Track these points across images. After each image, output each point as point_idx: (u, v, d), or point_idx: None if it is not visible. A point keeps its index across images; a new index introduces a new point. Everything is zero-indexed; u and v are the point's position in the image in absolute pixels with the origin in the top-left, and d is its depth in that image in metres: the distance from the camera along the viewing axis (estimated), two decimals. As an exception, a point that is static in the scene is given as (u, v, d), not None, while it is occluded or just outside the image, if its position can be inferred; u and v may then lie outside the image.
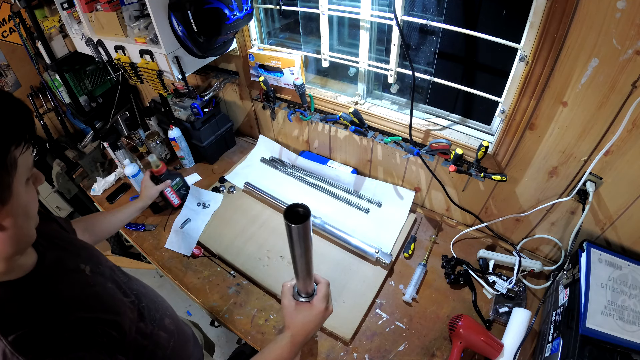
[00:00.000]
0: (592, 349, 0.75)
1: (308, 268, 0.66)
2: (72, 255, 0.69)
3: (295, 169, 1.46)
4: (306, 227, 0.54)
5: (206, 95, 1.49)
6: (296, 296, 0.74)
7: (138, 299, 0.73)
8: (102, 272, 0.71)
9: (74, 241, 0.76)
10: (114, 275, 0.74)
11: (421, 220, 1.26)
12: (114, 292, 0.68)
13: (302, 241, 0.58)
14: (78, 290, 0.62)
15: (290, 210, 0.54)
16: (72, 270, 0.66)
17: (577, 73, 0.73)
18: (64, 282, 0.62)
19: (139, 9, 1.15)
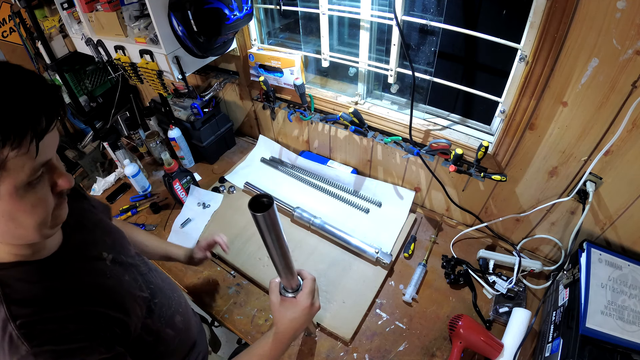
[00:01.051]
0: (592, 349, 0.75)
1: (286, 261, 0.66)
2: (96, 240, 0.68)
3: (295, 169, 1.46)
4: (272, 215, 0.55)
5: (206, 95, 1.49)
6: (283, 292, 0.74)
7: (152, 294, 0.72)
8: (123, 263, 0.70)
9: (103, 224, 0.74)
10: (134, 266, 0.73)
11: (421, 220, 1.26)
12: (129, 285, 0.67)
13: (271, 231, 0.58)
14: (93, 281, 0.61)
15: (254, 201, 0.55)
16: (93, 257, 0.65)
17: (577, 73, 0.73)
18: (81, 270, 0.61)
19: (139, 9, 1.15)
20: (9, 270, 0.53)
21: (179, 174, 1.33)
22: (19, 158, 0.43)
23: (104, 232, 0.72)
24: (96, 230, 0.70)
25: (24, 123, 0.43)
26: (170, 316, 0.76)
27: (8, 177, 0.43)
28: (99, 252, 0.66)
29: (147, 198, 1.46)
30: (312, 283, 0.75)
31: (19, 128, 0.42)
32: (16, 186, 0.44)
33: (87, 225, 0.69)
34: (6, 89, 0.42)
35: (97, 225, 0.72)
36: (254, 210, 0.53)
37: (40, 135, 0.44)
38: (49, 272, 0.56)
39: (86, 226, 0.68)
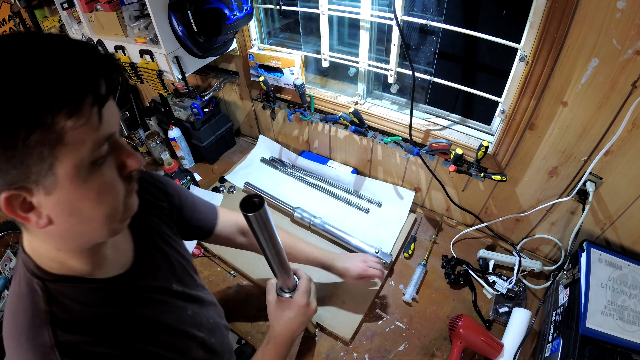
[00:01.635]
0: (592, 349, 0.75)
1: (280, 260, 0.66)
2: (169, 267, 0.61)
3: (295, 169, 1.46)
4: (263, 215, 0.55)
5: (206, 95, 1.49)
6: (279, 292, 0.74)
7: (210, 333, 0.65)
8: (188, 296, 0.63)
9: (178, 246, 0.67)
10: (198, 301, 0.66)
11: (421, 220, 1.26)
12: (189, 323, 0.60)
13: (264, 230, 0.58)
14: (154, 315, 0.54)
15: (245, 202, 0.55)
16: (161, 288, 0.57)
17: (577, 73, 0.73)
18: (146, 300, 0.54)
19: (139, 9, 1.15)
20: (62, 285, 0.45)
21: (179, 174, 1.33)
22: (78, 130, 0.36)
23: (179, 256, 0.65)
24: (172, 253, 0.63)
25: (82, 86, 0.36)
26: (221, 356, 0.68)
27: (67, 153, 0.36)
28: (169, 283, 0.59)
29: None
30: (308, 282, 0.73)
31: (77, 91, 0.35)
32: (77, 166, 0.37)
33: (163, 248, 0.61)
34: (58, 51, 0.36)
35: (175, 248, 0.65)
36: (246, 211, 0.53)
37: (102, 100, 0.38)
38: (109, 296, 0.49)
39: (161, 250, 0.61)
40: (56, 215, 0.39)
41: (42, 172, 0.36)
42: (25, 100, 0.32)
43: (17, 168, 0.34)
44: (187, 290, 0.63)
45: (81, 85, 0.36)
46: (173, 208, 0.70)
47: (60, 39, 0.37)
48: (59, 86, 0.34)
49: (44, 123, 0.33)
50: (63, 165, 0.36)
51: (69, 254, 0.45)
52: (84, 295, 0.46)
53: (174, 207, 0.71)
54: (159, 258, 0.60)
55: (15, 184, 0.36)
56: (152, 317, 0.53)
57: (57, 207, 0.38)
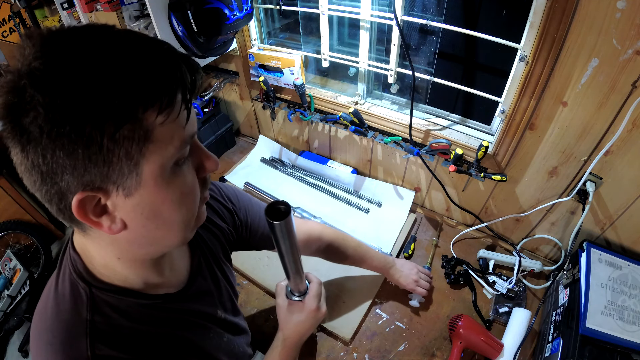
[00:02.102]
0: (592, 349, 0.75)
1: (296, 266, 0.66)
2: (217, 292, 0.59)
3: (295, 169, 1.46)
4: (288, 223, 0.55)
5: (206, 95, 1.49)
6: (289, 295, 0.74)
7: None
8: (229, 323, 0.62)
9: (229, 272, 0.66)
10: (235, 327, 0.65)
11: (421, 220, 1.26)
12: (225, 350, 0.59)
13: (286, 238, 0.58)
14: (196, 339, 0.52)
15: (271, 208, 0.54)
16: (207, 314, 0.56)
17: (577, 73, 0.73)
18: (192, 324, 0.52)
19: (139, 9, 1.15)
20: (110, 295, 0.42)
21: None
22: (168, 126, 0.34)
23: (226, 281, 0.63)
24: (220, 279, 0.61)
25: (174, 80, 0.34)
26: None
27: (155, 151, 0.34)
28: (215, 309, 0.58)
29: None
30: (319, 286, 0.73)
31: (169, 85, 0.33)
32: (163, 165, 0.35)
33: (214, 268, 0.60)
34: (147, 44, 0.34)
35: (223, 271, 0.63)
36: (271, 217, 0.52)
37: (190, 97, 0.36)
38: (156, 314, 0.46)
39: (213, 270, 0.59)
40: (132, 220, 0.37)
41: (125, 171, 0.33)
42: (115, 91, 0.30)
43: (98, 167, 0.32)
44: (229, 317, 0.62)
45: (173, 80, 0.34)
46: (238, 231, 0.69)
47: (141, 35, 0.36)
48: (152, 79, 0.32)
49: (134, 117, 0.31)
50: (149, 164, 0.34)
51: (127, 264, 0.43)
52: (131, 310, 0.44)
53: (239, 230, 0.69)
54: (210, 282, 0.58)
55: (92, 184, 0.33)
56: (192, 341, 0.51)
57: (136, 211, 0.36)
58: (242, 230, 0.71)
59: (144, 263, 0.44)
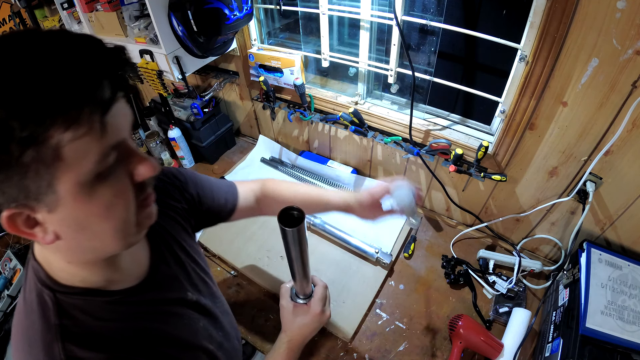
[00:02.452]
0: (592, 349, 0.75)
1: (304, 270, 0.66)
2: (185, 275, 0.58)
3: (295, 169, 1.46)
4: (301, 229, 0.54)
5: (206, 95, 1.49)
6: (294, 297, 0.74)
7: (219, 345, 0.62)
8: (202, 306, 0.60)
9: (195, 252, 0.65)
10: (211, 309, 0.63)
11: (421, 220, 1.26)
12: (202, 335, 0.58)
13: (297, 244, 0.58)
14: (168, 329, 0.51)
15: (284, 213, 0.54)
16: (176, 299, 0.55)
17: (577, 73, 0.73)
18: (161, 316, 0.51)
19: (139, 9, 1.15)
20: (74, 297, 0.42)
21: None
22: (78, 142, 0.31)
23: (192, 262, 0.62)
24: (186, 261, 0.60)
25: (78, 91, 0.31)
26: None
27: (67, 170, 0.32)
28: (184, 292, 0.56)
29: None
30: (324, 290, 0.73)
31: (72, 98, 0.31)
32: (80, 182, 0.33)
33: (179, 256, 0.58)
34: (53, 51, 0.31)
35: (187, 253, 0.62)
36: (284, 223, 0.52)
37: (105, 106, 0.33)
38: (123, 310, 0.46)
39: (178, 257, 0.58)
40: (63, 232, 0.36)
41: (42, 190, 0.32)
42: (12, 112, 0.28)
43: (15, 186, 0.31)
44: (202, 299, 0.61)
45: (78, 91, 0.31)
46: (191, 205, 0.67)
47: (60, 36, 0.33)
48: (51, 94, 0.30)
49: (36, 138, 0.29)
50: (63, 183, 0.33)
51: (79, 267, 0.43)
52: (96, 308, 0.44)
53: (192, 204, 0.67)
54: (174, 266, 0.57)
55: (16, 201, 0.33)
56: (165, 331, 0.51)
57: (63, 224, 0.35)
58: (195, 203, 0.69)
59: (97, 264, 0.44)
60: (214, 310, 0.65)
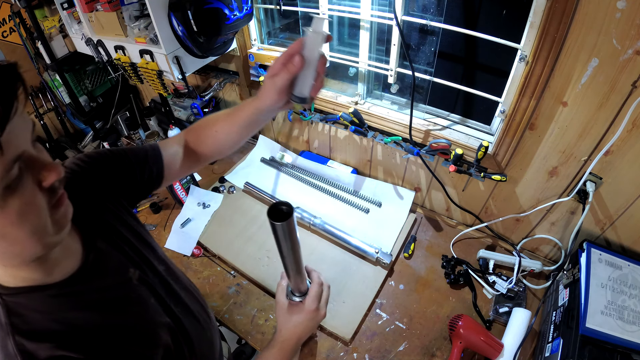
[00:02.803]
0: (592, 349, 0.75)
1: (297, 266, 0.66)
2: (125, 252, 0.58)
3: (295, 169, 1.46)
4: (290, 224, 0.54)
5: (206, 95, 1.49)
6: (290, 295, 0.74)
7: (178, 318, 0.62)
8: (150, 281, 0.60)
9: (136, 225, 0.64)
10: (162, 284, 0.63)
11: (421, 220, 1.26)
12: (155, 311, 0.58)
13: (287, 239, 0.58)
14: (116, 309, 0.52)
15: (273, 209, 0.54)
16: (118, 279, 0.55)
17: (577, 73, 0.73)
18: (104, 297, 0.52)
19: (139, 9, 1.15)
20: (18, 297, 0.45)
21: (178, 174, 1.33)
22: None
23: (137, 236, 0.62)
24: (127, 234, 0.60)
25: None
26: (198, 343, 0.66)
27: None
28: (125, 269, 0.56)
29: (147, 198, 1.46)
30: (319, 287, 0.72)
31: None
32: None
33: (111, 234, 0.58)
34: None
35: (131, 227, 0.61)
36: (273, 218, 0.52)
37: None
38: (63, 300, 0.48)
39: (110, 236, 0.57)
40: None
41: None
42: None
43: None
44: (149, 274, 0.61)
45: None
46: (117, 180, 0.65)
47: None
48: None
49: None
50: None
51: (15, 268, 0.44)
52: (39, 303, 0.46)
53: (122, 179, 0.65)
54: (109, 249, 0.57)
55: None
56: (115, 312, 0.52)
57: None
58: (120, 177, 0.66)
59: (29, 264, 0.45)
60: (165, 283, 0.63)
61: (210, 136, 0.73)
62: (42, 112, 1.87)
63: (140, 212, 1.41)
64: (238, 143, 0.74)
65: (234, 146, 0.74)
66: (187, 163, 0.75)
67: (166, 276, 0.65)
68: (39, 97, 1.88)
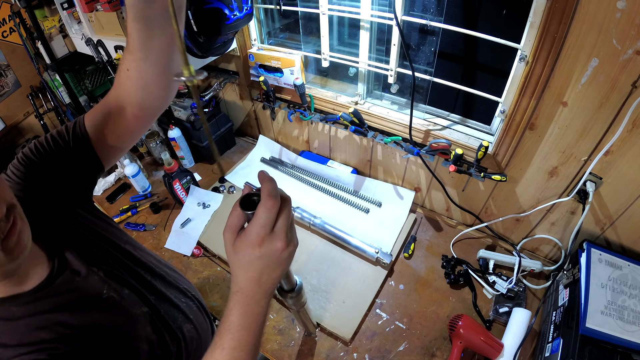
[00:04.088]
0: (592, 349, 0.75)
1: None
2: (89, 250, 0.58)
3: (295, 169, 1.46)
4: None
5: (206, 95, 1.49)
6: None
7: (155, 307, 0.63)
8: (119, 275, 0.60)
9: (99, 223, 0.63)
10: (136, 272, 0.64)
11: (421, 220, 1.26)
12: (130, 303, 0.59)
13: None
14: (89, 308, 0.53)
15: (246, 200, 0.49)
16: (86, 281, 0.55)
17: (577, 73, 0.73)
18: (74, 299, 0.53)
19: (139, 9, 1.15)
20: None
21: (179, 174, 1.33)
22: None
23: (101, 234, 0.62)
24: (91, 235, 0.60)
25: None
26: (178, 327, 0.67)
27: None
28: (89, 267, 0.56)
29: (147, 198, 1.46)
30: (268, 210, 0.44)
31: None
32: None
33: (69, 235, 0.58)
34: None
35: (85, 227, 0.61)
36: (247, 209, 0.47)
37: None
38: (34, 307, 0.49)
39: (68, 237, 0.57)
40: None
41: None
42: None
43: None
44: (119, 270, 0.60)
45: None
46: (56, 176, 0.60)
47: None
48: None
49: None
50: None
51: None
52: (9, 312, 0.47)
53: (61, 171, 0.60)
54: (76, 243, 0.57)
55: None
56: (88, 311, 0.53)
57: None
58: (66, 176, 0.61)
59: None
60: (139, 271, 0.64)
61: (124, 79, 0.59)
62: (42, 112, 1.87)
63: (140, 212, 1.41)
64: (160, 64, 0.57)
65: (161, 73, 0.59)
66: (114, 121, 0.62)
67: (135, 267, 0.65)
68: (39, 97, 1.88)
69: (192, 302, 0.77)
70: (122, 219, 1.38)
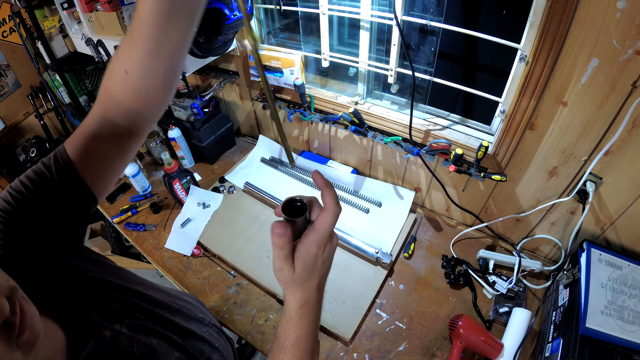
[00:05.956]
0: (592, 349, 0.75)
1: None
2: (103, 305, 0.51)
3: (295, 169, 1.46)
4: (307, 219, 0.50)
5: (206, 95, 1.49)
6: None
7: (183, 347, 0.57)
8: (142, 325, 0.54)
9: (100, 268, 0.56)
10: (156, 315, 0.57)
11: (421, 220, 1.26)
12: (161, 352, 0.53)
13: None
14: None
15: (287, 206, 0.49)
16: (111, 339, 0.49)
17: (577, 73, 0.73)
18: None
19: (139, 9, 1.15)
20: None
21: (179, 174, 1.33)
22: None
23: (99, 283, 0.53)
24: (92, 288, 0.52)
25: None
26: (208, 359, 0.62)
27: None
28: (111, 327, 0.50)
29: (147, 198, 1.46)
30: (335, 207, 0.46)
31: None
32: None
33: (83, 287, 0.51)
34: None
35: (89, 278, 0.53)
36: (289, 215, 0.47)
37: None
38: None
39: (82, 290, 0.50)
40: None
41: None
42: None
43: None
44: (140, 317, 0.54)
45: None
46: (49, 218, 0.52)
47: None
48: None
49: None
50: None
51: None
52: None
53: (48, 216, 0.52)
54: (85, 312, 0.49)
55: None
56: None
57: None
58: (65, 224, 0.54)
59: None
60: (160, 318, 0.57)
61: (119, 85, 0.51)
62: (42, 112, 1.87)
63: (140, 212, 1.41)
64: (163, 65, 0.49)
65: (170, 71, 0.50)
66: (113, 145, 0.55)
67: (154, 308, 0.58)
68: (39, 97, 1.89)
69: (211, 328, 0.71)
70: (122, 219, 1.38)
